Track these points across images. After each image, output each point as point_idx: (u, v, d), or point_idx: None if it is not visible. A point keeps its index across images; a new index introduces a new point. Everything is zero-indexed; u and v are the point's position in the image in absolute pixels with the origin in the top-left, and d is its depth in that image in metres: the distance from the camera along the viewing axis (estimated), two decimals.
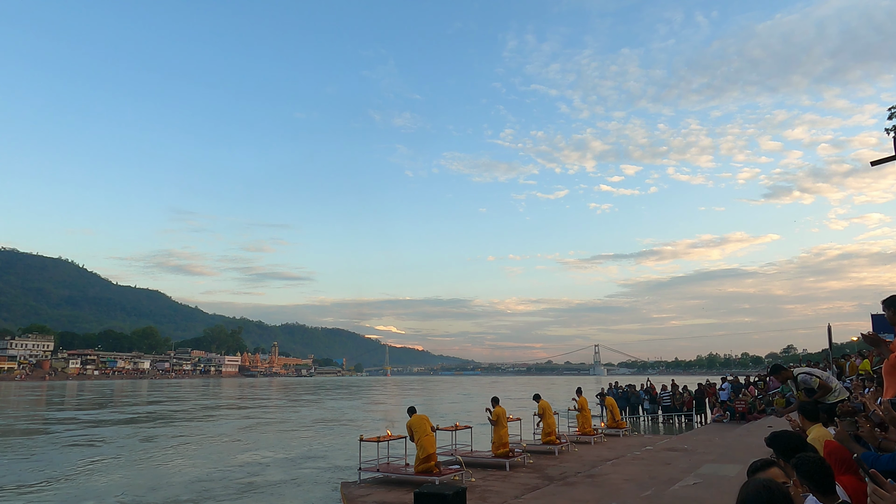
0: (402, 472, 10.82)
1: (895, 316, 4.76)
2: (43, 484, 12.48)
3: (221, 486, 12.07)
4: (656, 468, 10.73)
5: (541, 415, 14.48)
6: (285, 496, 11.10)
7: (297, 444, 19.13)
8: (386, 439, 11.44)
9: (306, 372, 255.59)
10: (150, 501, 10.69)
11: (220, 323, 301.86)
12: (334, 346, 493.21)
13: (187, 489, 11.74)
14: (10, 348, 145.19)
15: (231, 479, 12.72)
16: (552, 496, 8.68)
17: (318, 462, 15.25)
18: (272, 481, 12.52)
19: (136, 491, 11.57)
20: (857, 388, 10.51)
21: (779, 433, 3.34)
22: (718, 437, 15.55)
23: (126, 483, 12.43)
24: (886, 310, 4.81)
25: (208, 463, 15.13)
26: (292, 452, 17.04)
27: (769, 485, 1.92)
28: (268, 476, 13.15)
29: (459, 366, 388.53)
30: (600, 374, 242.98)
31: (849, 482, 3.03)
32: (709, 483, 8.79)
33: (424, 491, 7.13)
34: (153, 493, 11.39)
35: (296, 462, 15.23)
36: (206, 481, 12.54)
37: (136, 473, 13.65)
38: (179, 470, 14.11)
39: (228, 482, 12.42)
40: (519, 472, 11.37)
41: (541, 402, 14.68)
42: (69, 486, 12.23)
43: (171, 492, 11.49)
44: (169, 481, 12.60)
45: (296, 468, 14.27)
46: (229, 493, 11.39)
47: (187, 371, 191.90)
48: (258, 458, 16.04)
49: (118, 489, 11.79)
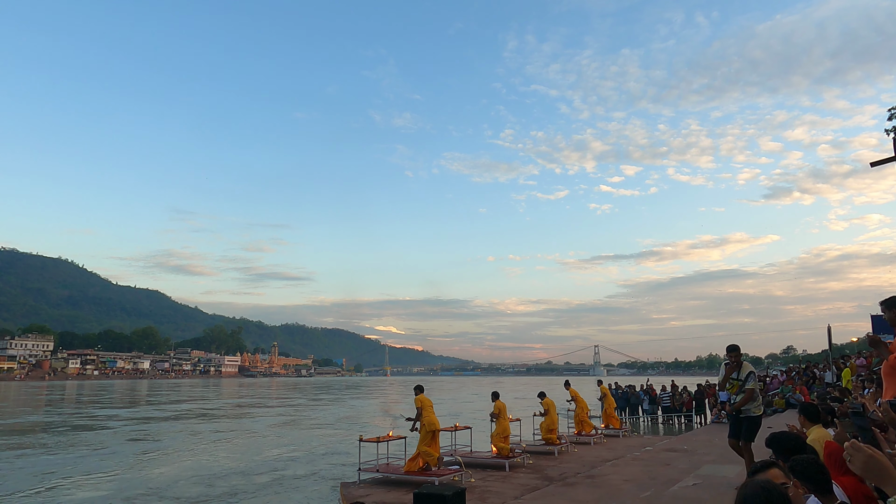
0: (401, 472, 10.81)
1: (895, 317, 4.78)
2: (133, 470, 14.51)
3: (225, 484, 12.10)
4: (656, 469, 10.72)
5: (545, 412, 14.56)
6: (286, 495, 11.11)
7: (319, 441, 20.16)
8: (386, 439, 11.44)
9: (306, 372, 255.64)
10: (168, 495, 10.74)
11: (220, 323, 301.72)
12: (334, 346, 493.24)
13: (192, 487, 11.78)
14: (9, 348, 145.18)
15: (236, 477, 12.78)
16: (552, 497, 8.68)
17: (340, 458, 15.95)
18: (277, 479, 12.57)
19: (167, 481, 12.33)
20: (857, 390, 10.51)
21: (778, 434, 3.34)
22: (718, 437, 15.54)
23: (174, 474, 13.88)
24: (886, 311, 4.82)
25: (235, 458, 16.31)
26: (316, 449, 18.07)
27: (767, 485, 1.92)
28: (274, 473, 13.22)
29: (459, 366, 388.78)
30: (600, 375, 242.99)
31: (848, 483, 3.04)
32: (708, 484, 8.79)
33: (424, 491, 7.12)
34: (170, 488, 11.53)
35: (314, 458, 15.98)
36: (222, 476, 12.73)
37: (185, 465, 15.12)
38: (204, 464, 14.81)
39: (232, 480, 12.46)
40: (518, 472, 11.36)
41: (545, 399, 14.76)
42: (153, 470, 14.55)
43: (175, 490, 11.53)
44: (180, 477, 12.87)
45: (313, 464, 14.93)
46: (230, 492, 11.41)
47: (187, 371, 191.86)
48: (273, 455, 16.67)
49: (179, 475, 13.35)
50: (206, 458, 16.33)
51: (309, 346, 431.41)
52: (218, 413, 35.39)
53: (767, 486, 1.93)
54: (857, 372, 16.77)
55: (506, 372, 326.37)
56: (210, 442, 19.97)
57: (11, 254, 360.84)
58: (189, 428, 25.25)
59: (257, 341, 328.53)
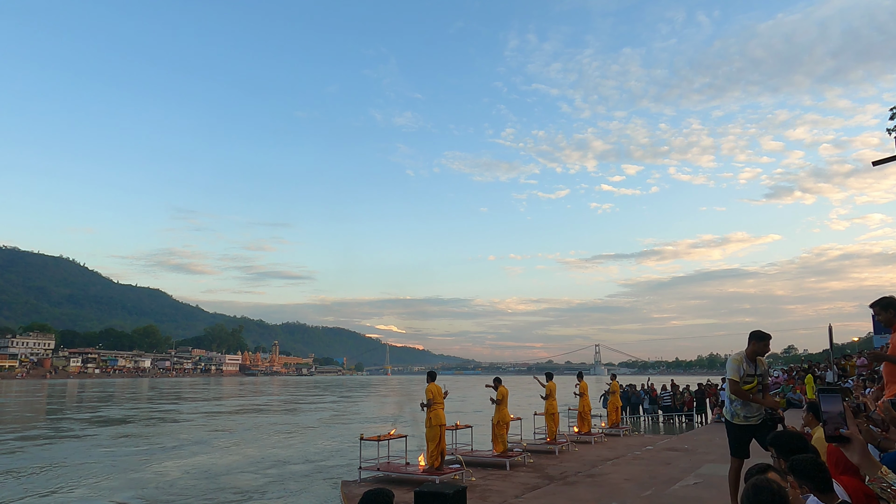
0: (402, 471, 10.82)
1: (891, 318, 4.78)
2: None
3: (227, 480, 12.14)
4: (656, 468, 10.73)
5: (547, 395, 14.69)
6: (286, 495, 11.13)
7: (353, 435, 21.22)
8: (386, 438, 11.45)
9: (307, 371, 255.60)
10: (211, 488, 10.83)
11: (221, 322, 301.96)
12: (335, 345, 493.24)
13: (202, 485, 11.83)
14: (11, 346, 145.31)
15: (242, 475, 12.81)
16: (552, 495, 8.68)
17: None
18: (283, 476, 12.61)
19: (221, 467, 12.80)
20: (858, 389, 10.52)
21: (780, 434, 3.34)
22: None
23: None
24: (882, 312, 4.83)
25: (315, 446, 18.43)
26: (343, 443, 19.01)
27: (760, 483, 1.93)
28: (278, 470, 13.25)
29: (460, 365, 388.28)
30: (601, 374, 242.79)
31: (848, 482, 3.04)
32: (709, 483, 8.79)
33: (425, 490, 7.12)
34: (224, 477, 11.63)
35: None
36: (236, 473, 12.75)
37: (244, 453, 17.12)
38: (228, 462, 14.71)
39: (233, 478, 12.50)
40: (519, 471, 11.38)
41: (550, 382, 14.96)
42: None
43: (183, 486, 11.58)
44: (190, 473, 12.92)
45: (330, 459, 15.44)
46: (230, 491, 11.43)
47: (188, 370, 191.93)
48: (287, 453, 17.06)
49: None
50: (279, 447, 18.08)
51: (310, 344, 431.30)
52: (270, 409, 37.49)
53: (761, 483, 1.94)
54: (858, 372, 16.78)
55: (507, 371, 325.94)
56: (284, 434, 21.94)
57: (13, 252, 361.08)
58: (255, 421, 27.66)
59: (258, 340, 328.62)
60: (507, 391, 12.78)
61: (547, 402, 14.74)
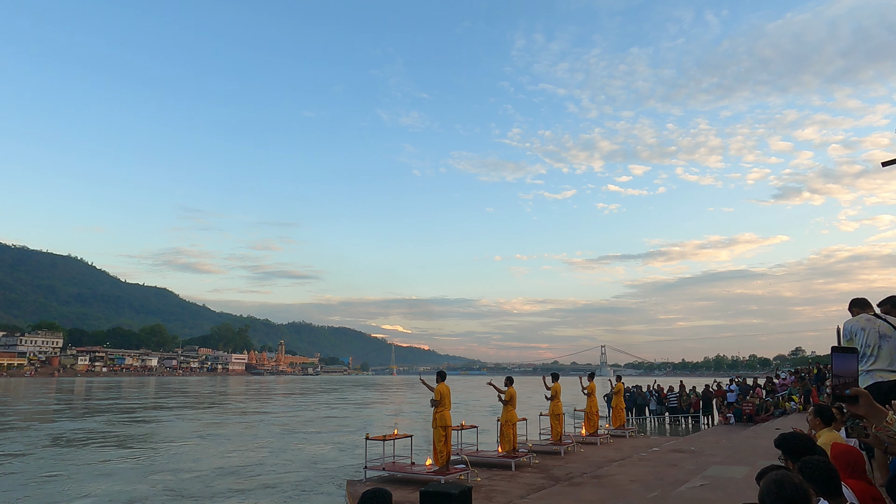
0: (407, 470, 10.83)
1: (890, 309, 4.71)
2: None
3: (233, 479, 12.19)
4: (663, 469, 10.68)
5: (553, 396, 14.68)
6: (287, 494, 11.16)
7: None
8: (392, 438, 11.46)
9: (312, 371, 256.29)
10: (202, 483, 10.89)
11: (228, 321, 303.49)
12: (340, 344, 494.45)
13: (208, 480, 11.88)
14: (19, 345, 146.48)
15: (245, 473, 12.86)
16: (558, 496, 8.66)
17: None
18: (290, 475, 12.63)
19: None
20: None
21: (787, 435, 3.32)
22: (726, 438, 15.47)
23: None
24: (893, 310, 4.76)
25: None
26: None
27: (781, 478, 1.93)
28: (284, 469, 13.28)
29: (465, 365, 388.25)
30: (606, 375, 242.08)
31: (856, 485, 3.02)
32: (716, 485, 8.74)
33: (430, 490, 7.12)
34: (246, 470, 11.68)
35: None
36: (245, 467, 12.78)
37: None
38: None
39: (239, 478, 12.55)
40: (524, 472, 11.36)
41: (555, 383, 14.96)
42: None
43: (189, 485, 11.64)
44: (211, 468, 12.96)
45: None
46: (235, 490, 11.47)
47: (195, 369, 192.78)
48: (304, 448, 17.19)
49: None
50: (285, 447, 18.36)
51: (315, 344, 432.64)
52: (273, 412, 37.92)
53: (784, 478, 1.94)
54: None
55: (512, 372, 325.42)
56: (290, 433, 22.63)
57: (22, 251, 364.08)
58: (261, 419, 28.71)
59: (264, 339, 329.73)
60: (515, 393, 12.77)
61: (552, 402, 14.72)
